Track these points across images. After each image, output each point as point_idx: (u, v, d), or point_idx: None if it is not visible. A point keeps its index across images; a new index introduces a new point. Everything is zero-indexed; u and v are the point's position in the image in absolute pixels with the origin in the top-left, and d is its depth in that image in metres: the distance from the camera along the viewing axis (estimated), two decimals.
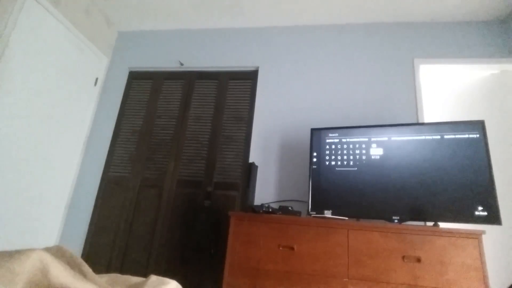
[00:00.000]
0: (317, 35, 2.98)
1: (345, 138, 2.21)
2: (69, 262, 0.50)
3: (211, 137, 2.85)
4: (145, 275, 2.64)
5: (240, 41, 3.13)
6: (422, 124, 2.08)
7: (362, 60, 2.80)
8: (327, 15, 2.90)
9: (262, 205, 2.04)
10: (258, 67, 2.98)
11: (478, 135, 1.94)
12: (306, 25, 3.04)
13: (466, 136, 1.95)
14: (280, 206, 2.15)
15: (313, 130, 2.32)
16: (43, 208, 2.61)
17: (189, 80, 3.11)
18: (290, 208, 2.12)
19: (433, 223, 1.87)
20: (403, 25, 2.86)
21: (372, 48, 2.83)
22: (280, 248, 1.88)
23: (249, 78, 2.99)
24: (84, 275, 0.49)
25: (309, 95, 2.77)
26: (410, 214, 1.92)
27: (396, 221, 1.93)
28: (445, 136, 1.99)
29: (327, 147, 2.24)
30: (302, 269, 1.82)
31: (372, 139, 2.15)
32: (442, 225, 2.12)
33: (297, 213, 2.09)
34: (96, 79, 3.15)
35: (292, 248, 1.87)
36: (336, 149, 2.21)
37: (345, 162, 2.16)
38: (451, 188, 1.88)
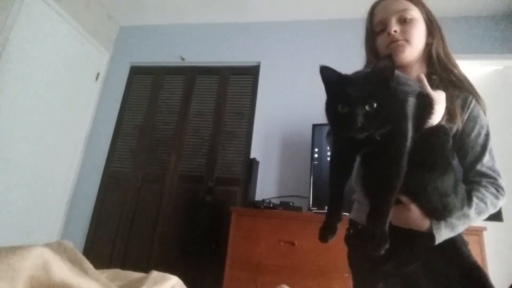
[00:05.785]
0: (319, 30, 2.95)
1: None
2: (70, 258, 0.50)
3: (212, 133, 2.85)
4: (146, 270, 2.65)
5: (241, 36, 3.10)
6: None
7: (364, 55, 2.77)
8: (329, 10, 2.87)
9: (263, 201, 2.04)
10: (259, 62, 2.96)
11: None
12: (308, 20, 3.01)
13: None
14: (281, 202, 2.16)
15: (314, 126, 2.31)
16: (45, 203, 2.62)
17: (191, 75, 3.10)
18: (291, 203, 2.13)
19: None
20: None
21: None
22: (281, 243, 1.89)
23: (250, 73, 2.98)
24: (85, 271, 0.49)
25: (311, 91, 2.75)
26: None
27: None
28: None
29: None
30: (303, 264, 1.82)
31: None
32: None
33: (298, 209, 2.09)
34: (98, 74, 3.13)
35: (293, 244, 1.87)
36: None
37: None
38: None
